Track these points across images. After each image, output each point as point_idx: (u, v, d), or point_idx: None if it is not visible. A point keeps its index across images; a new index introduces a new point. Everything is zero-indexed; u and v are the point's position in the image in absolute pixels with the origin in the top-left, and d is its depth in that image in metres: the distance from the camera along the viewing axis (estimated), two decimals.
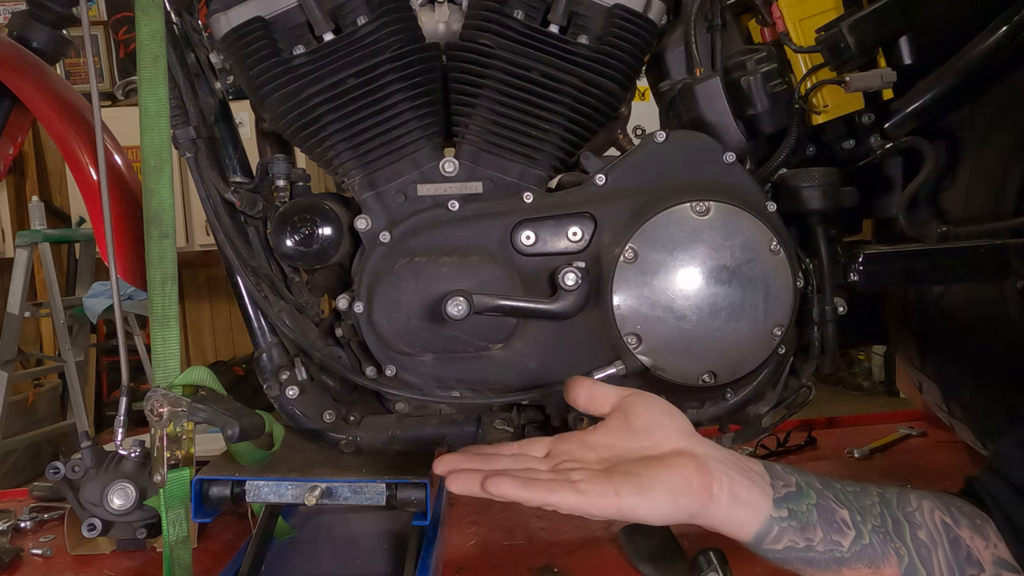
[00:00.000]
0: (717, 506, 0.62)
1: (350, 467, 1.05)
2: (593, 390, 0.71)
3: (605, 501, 0.60)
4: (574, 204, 1.05)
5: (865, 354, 4.31)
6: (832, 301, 1.08)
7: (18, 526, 1.46)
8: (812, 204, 1.07)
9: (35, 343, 4.19)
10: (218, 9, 1.04)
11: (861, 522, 0.65)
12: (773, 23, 1.13)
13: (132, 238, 1.10)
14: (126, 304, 2.59)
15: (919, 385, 1.48)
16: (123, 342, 1.09)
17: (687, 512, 0.62)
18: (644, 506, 0.60)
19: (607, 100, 1.07)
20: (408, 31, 1.04)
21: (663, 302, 0.99)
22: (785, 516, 0.64)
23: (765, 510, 0.63)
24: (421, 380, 1.07)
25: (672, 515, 0.61)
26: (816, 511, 0.64)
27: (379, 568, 1.18)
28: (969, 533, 0.66)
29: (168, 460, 0.95)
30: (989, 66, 1.14)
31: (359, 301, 1.04)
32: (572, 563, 1.24)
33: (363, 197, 1.06)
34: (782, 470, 0.67)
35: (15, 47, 1.21)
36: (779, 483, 0.65)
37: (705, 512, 0.62)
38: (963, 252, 1.12)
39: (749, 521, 0.63)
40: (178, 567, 0.99)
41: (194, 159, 1.08)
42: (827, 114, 1.12)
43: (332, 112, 1.03)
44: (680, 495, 0.61)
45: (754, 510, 0.63)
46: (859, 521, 0.65)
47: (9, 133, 1.29)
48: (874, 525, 0.65)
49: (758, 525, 0.63)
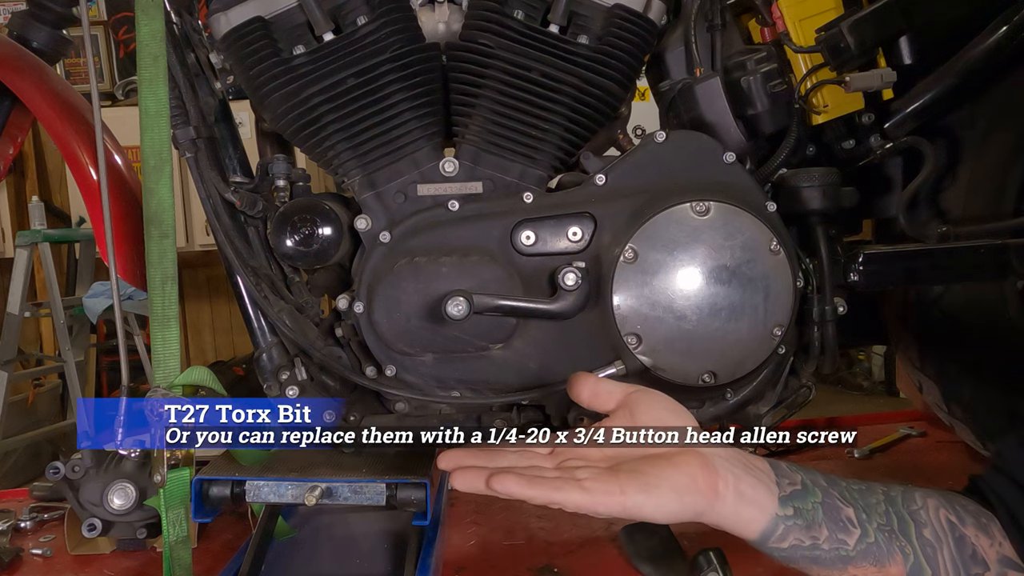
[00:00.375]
0: (723, 504, 0.62)
1: (350, 467, 1.05)
2: (597, 386, 0.70)
3: (611, 499, 0.60)
4: (574, 204, 1.05)
5: (865, 354, 4.31)
6: (832, 301, 1.07)
7: (18, 526, 1.46)
8: (812, 204, 1.07)
9: (35, 343, 4.18)
10: (218, 9, 1.04)
11: (867, 520, 0.65)
12: (773, 23, 1.13)
13: (132, 238, 1.09)
14: (126, 304, 2.58)
15: (919, 385, 1.48)
16: (123, 342, 1.09)
17: (693, 510, 0.62)
18: (650, 504, 0.60)
19: (607, 100, 1.07)
20: (408, 31, 1.04)
21: (663, 302, 0.99)
22: (791, 514, 0.63)
23: (771, 508, 0.63)
24: (421, 380, 1.07)
25: (678, 513, 0.61)
26: (822, 509, 0.64)
27: (379, 568, 1.18)
28: (974, 532, 0.66)
29: (168, 460, 0.95)
30: (989, 66, 1.14)
31: (359, 301, 1.04)
32: (572, 563, 1.24)
33: (363, 197, 1.06)
34: (787, 468, 0.67)
35: (15, 47, 1.21)
36: (784, 481, 0.65)
37: (711, 510, 0.62)
38: (963, 252, 1.12)
39: (755, 519, 0.63)
40: (178, 567, 0.99)
41: (194, 159, 1.08)
42: (827, 114, 1.12)
43: (332, 112, 1.03)
44: (686, 493, 0.61)
45: (760, 508, 0.63)
46: (865, 519, 0.65)
47: (9, 133, 1.29)
48: (879, 523, 0.65)
49: (764, 523, 0.63)
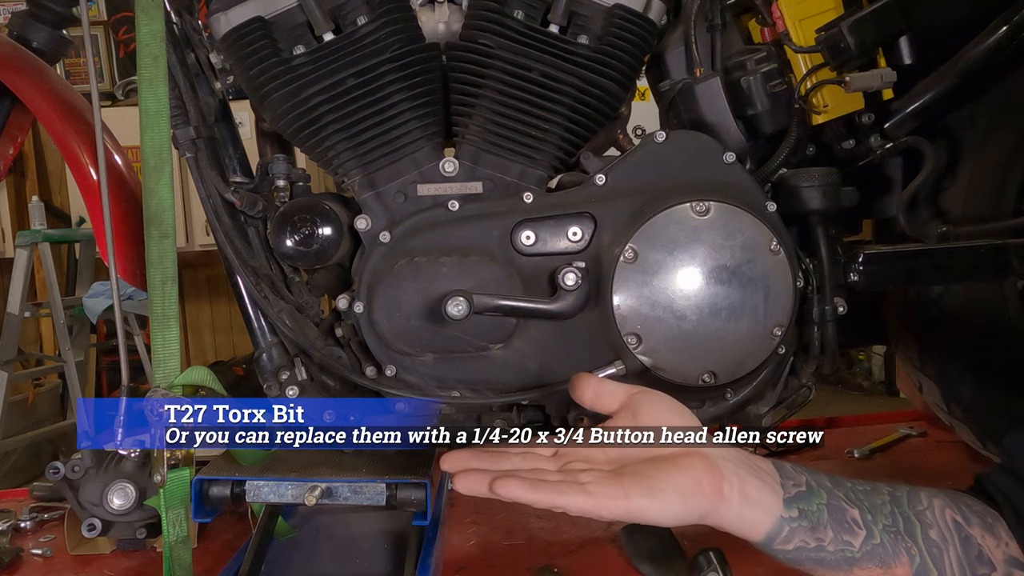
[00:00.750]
0: (727, 507, 0.62)
1: (350, 467, 1.05)
2: (600, 387, 0.70)
3: (615, 503, 0.59)
4: (574, 204, 1.05)
5: (865, 354, 4.31)
6: (832, 301, 1.08)
7: (18, 526, 1.46)
8: (812, 204, 1.07)
9: (35, 343, 4.18)
10: (218, 9, 1.04)
11: (872, 521, 0.64)
12: (773, 23, 1.13)
13: (132, 238, 1.10)
14: (126, 304, 2.58)
15: (919, 385, 1.48)
16: (123, 342, 1.09)
17: (697, 513, 0.61)
18: (654, 508, 0.60)
19: (607, 100, 1.07)
20: (408, 31, 1.04)
21: (663, 302, 0.99)
22: (796, 516, 0.63)
23: (776, 510, 0.63)
24: (421, 380, 1.07)
25: (682, 516, 0.61)
26: (827, 511, 0.64)
27: (379, 568, 1.18)
28: (980, 532, 0.66)
29: (168, 460, 0.95)
30: (989, 66, 1.14)
31: (359, 301, 1.04)
32: (572, 563, 1.24)
33: (363, 197, 1.06)
34: (792, 469, 0.66)
35: (15, 47, 1.21)
36: (789, 482, 0.65)
37: (715, 513, 0.62)
38: (963, 252, 1.12)
39: (760, 521, 0.63)
40: (178, 567, 0.99)
41: (194, 159, 1.08)
42: (827, 114, 1.12)
43: (332, 112, 1.03)
44: (690, 496, 0.61)
45: (764, 510, 0.63)
46: (870, 520, 0.64)
47: (9, 133, 1.28)
48: (885, 524, 0.65)
49: (768, 525, 0.63)
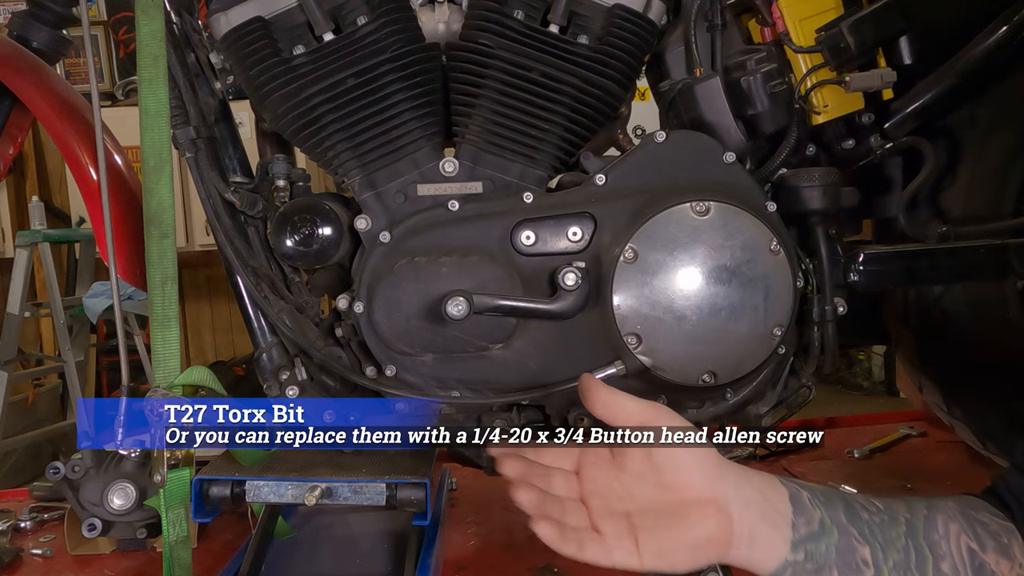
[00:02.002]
0: (736, 552, 0.64)
1: (350, 467, 1.05)
2: (610, 400, 0.68)
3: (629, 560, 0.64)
4: (574, 204, 1.05)
5: (865, 354, 4.31)
6: (832, 301, 1.07)
7: (18, 526, 1.47)
8: (812, 204, 1.07)
9: (35, 343, 4.19)
10: (218, 9, 1.04)
11: (883, 560, 0.64)
12: (773, 23, 1.13)
13: (132, 238, 1.10)
14: (126, 304, 2.58)
15: (919, 385, 1.48)
16: (123, 342, 1.09)
17: (707, 560, 0.65)
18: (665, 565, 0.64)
19: (607, 100, 1.07)
20: (408, 31, 1.04)
21: (663, 302, 0.99)
22: (801, 559, 0.64)
23: (781, 553, 0.64)
24: (421, 380, 1.07)
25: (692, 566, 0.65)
26: (835, 552, 0.64)
27: (379, 568, 1.18)
28: (995, 557, 0.66)
29: (168, 460, 0.95)
30: (989, 66, 1.14)
31: (359, 301, 1.04)
32: (572, 563, 1.22)
33: (363, 197, 1.06)
34: (809, 503, 0.66)
35: (15, 47, 1.21)
36: (801, 520, 0.65)
37: (724, 557, 0.65)
38: (963, 252, 1.12)
39: (766, 561, 0.64)
40: (178, 567, 0.99)
41: (194, 159, 1.08)
42: (827, 114, 1.12)
43: (332, 112, 1.03)
44: (701, 549, 0.64)
45: (771, 551, 0.64)
46: (880, 559, 0.64)
47: (9, 133, 1.28)
48: (896, 561, 0.64)
49: (773, 566, 0.64)
